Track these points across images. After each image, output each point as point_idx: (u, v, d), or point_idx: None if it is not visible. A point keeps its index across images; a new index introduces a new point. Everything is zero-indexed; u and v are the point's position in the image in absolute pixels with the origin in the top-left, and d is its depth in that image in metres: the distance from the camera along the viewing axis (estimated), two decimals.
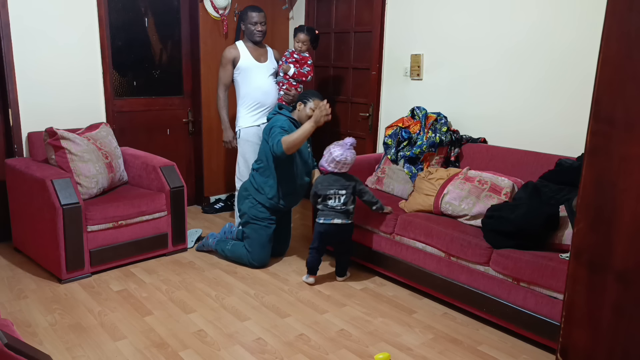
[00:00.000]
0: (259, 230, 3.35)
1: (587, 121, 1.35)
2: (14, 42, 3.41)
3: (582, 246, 1.39)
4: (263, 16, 3.78)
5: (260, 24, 3.76)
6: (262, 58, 3.82)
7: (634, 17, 1.23)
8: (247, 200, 3.38)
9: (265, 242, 3.37)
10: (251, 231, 3.36)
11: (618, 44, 1.27)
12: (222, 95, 3.82)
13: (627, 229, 1.30)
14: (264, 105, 3.78)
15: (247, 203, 3.37)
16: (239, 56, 3.76)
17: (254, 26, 3.75)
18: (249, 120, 3.79)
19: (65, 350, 2.42)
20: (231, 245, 3.45)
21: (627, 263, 1.31)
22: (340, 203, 3.05)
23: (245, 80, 3.77)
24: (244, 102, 3.79)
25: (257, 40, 3.80)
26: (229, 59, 3.76)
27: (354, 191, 3.09)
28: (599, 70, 1.30)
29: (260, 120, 3.79)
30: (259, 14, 3.76)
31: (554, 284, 2.38)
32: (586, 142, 1.35)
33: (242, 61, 3.75)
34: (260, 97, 3.77)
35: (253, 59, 3.77)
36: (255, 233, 3.35)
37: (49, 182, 2.99)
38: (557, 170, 2.85)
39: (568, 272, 1.43)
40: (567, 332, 1.46)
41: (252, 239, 3.36)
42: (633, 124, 1.26)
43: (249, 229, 3.38)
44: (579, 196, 1.38)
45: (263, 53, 3.85)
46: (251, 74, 3.75)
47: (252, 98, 3.77)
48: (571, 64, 3.06)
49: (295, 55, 3.82)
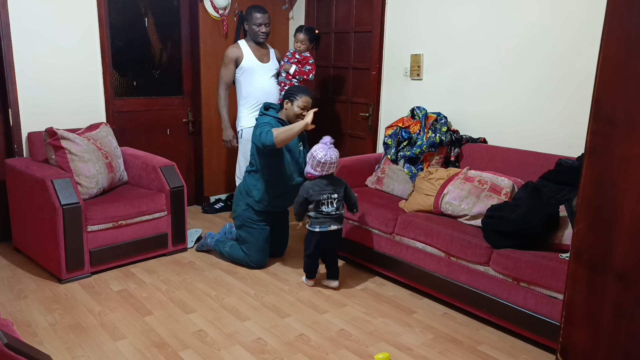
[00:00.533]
0: (254, 233, 3.33)
1: (587, 121, 1.35)
2: (14, 42, 3.41)
3: (582, 246, 1.39)
4: (267, 17, 3.78)
5: (265, 25, 3.76)
6: (265, 58, 3.82)
7: (634, 17, 1.23)
8: (242, 203, 3.36)
9: (261, 244, 3.35)
10: (247, 234, 3.35)
11: (618, 44, 1.27)
12: (222, 94, 3.83)
13: (627, 229, 1.30)
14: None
15: (242, 205, 3.35)
16: (242, 56, 3.76)
17: (258, 27, 3.74)
18: (250, 120, 3.79)
19: (65, 350, 2.42)
20: (229, 247, 3.44)
21: (627, 263, 1.31)
22: (334, 208, 2.98)
23: (248, 80, 3.77)
24: (246, 102, 3.79)
25: (261, 41, 3.80)
26: (231, 58, 3.76)
27: (344, 195, 3.05)
28: (599, 70, 1.30)
29: None
30: (263, 15, 3.75)
31: (554, 284, 2.38)
32: (586, 142, 1.35)
33: (245, 61, 3.75)
34: (262, 97, 3.77)
35: (256, 59, 3.77)
36: (250, 236, 3.34)
37: (49, 182, 2.99)
38: (557, 170, 2.85)
39: (568, 272, 1.43)
40: (567, 332, 1.46)
41: (249, 242, 3.35)
42: (633, 124, 1.26)
43: (244, 232, 3.36)
44: (579, 196, 1.38)
45: (265, 53, 3.85)
46: (253, 74, 3.75)
47: (254, 98, 3.77)
48: (571, 64, 3.06)
49: (296, 55, 3.83)
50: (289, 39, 4.99)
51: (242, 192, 3.37)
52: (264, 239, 3.35)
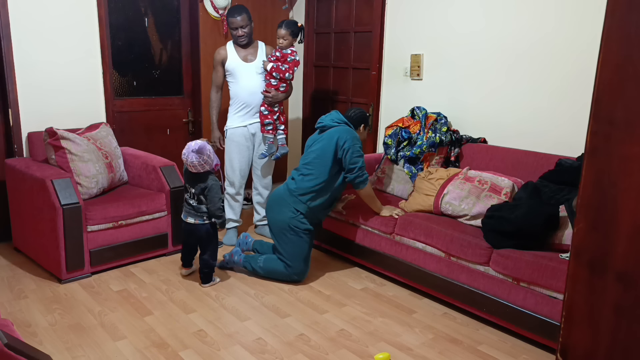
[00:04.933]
0: (300, 243, 3.10)
1: (587, 121, 1.35)
2: (14, 42, 3.41)
3: (582, 246, 1.39)
4: (244, 19, 3.58)
5: (241, 27, 3.59)
6: (250, 57, 3.70)
7: (634, 17, 1.24)
8: (287, 210, 3.09)
9: (307, 254, 3.15)
10: (290, 244, 3.10)
11: (618, 44, 1.27)
12: (213, 96, 3.75)
13: (627, 229, 1.30)
14: (249, 105, 3.67)
15: (288, 212, 3.08)
16: (227, 57, 3.67)
17: (235, 31, 3.61)
18: (236, 121, 3.70)
19: (65, 350, 2.42)
20: (263, 262, 3.19)
21: (627, 263, 1.31)
22: (193, 201, 3.02)
23: (234, 80, 3.69)
24: (233, 103, 3.72)
25: (243, 44, 3.67)
26: (218, 60, 3.68)
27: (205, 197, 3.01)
28: (599, 70, 1.30)
29: (248, 121, 3.69)
30: (236, 19, 3.57)
31: (554, 284, 2.38)
32: (586, 142, 1.35)
33: (229, 62, 3.66)
34: (246, 98, 3.67)
35: (239, 59, 3.66)
36: (295, 246, 3.10)
37: (49, 182, 2.99)
38: (557, 170, 2.85)
39: (568, 272, 1.43)
40: (567, 332, 1.46)
41: (293, 252, 3.11)
42: (633, 124, 1.26)
43: (286, 241, 3.10)
44: (579, 196, 1.38)
45: (252, 52, 3.72)
46: (238, 74, 3.66)
47: (240, 98, 3.68)
48: (571, 64, 3.06)
49: (277, 53, 3.67)
50: None
51: (285, 197, 3.11)
52: (310, 248, 3.15)
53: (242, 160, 3.74)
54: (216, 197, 2.99)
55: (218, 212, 3.02)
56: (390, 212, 3.16)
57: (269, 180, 3.90)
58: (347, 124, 3.17)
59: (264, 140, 3.76)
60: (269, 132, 3.70)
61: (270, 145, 3.74)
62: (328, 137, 3.09)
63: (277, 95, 3.65)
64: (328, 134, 3.10)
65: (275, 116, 3.71)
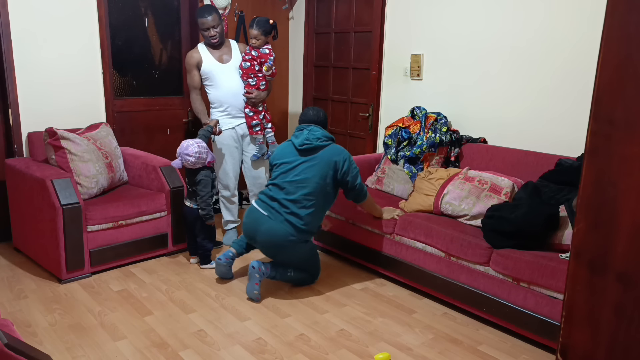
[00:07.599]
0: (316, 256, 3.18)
1: (587, 121, 1.35)
2: (14, 42, 3.41)
3: (582, 246, 1.39)
4: (214, 19, 3.45)
5: (213, 27, 3.45)
6: (225, 57, 3.60)
7: (633, 17, 1.24)
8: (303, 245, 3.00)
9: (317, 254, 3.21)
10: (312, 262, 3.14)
11: (618, 45, 1.27)
12: (194, 98, 3.64)
13: (627, 229, 1.30)
14: (234, 107, 3.62)
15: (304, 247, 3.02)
16: (201, 60, 3.55)
17: (207, 32, 3.48)
18: (225, 124, 3.63)
19: (65, 350, 2.42)
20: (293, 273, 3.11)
21: (627, 263, 1.31)
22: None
23: (212, 84, 3.58)
24: (217, 107, 3.63)
25: (215, 45, 3.56)
26: (192, 64, 3.55)
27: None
28: (599, 70, 1.30)
29: (235, 122, 3.64)
30: (206, 20, 3.43)
31: (554, 284, 2.38)
32: (586, 142, 1.35)
33: (204, 65, 3.54)
34: (230, 100, 3.58)
35: (215, 61, 3.55)
36: (315, 260, 3.16)
37: (49, 182, 2.99)
38: (557, 170, 2.85)
39: (568, 272, 1.43)
40: (567, 332, 1.46)
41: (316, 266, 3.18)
42: (633, 124, 1.26)
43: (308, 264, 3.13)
44: (579, 196, 1.38)
45: (226, 52, 3.61)
46: (216, 77, 3.55)
47: (222, 102, 3.59)
48: (571, 64, 3.05)
49: (252, 52, 3.56)
50: (289, 40, 4.99)
51: (297, 235, 2.91)
52: (315, 247, 3.19)
53: (234, 162, 3.72)
54: (204, 191, 3.23)
55: (203, 204, 3.24)
56: (391, 215, 3.16)
57: (263, 181, 3.88)
58: (332, 138, 3.03)
59: (254, 142, 3.72)
60: (257, 133, 3.67)
61: (260, 146, 3.71)
62: (323, 162, 2.91)
63: (259, 94, 3.60)
64: (322, 159, 2.92)
65: (261, 115, 3.68)
